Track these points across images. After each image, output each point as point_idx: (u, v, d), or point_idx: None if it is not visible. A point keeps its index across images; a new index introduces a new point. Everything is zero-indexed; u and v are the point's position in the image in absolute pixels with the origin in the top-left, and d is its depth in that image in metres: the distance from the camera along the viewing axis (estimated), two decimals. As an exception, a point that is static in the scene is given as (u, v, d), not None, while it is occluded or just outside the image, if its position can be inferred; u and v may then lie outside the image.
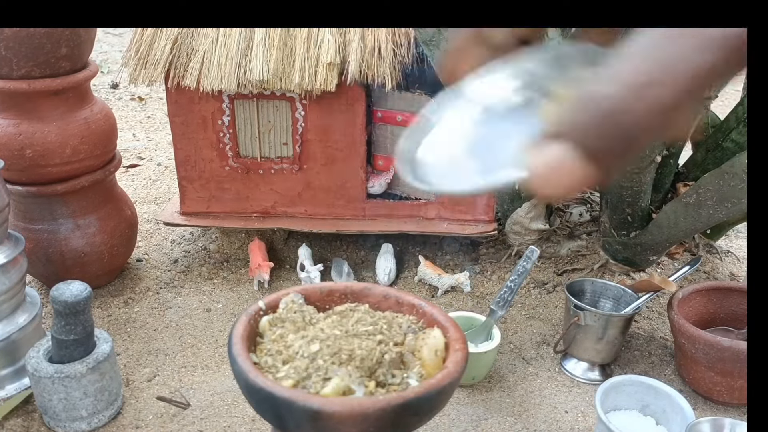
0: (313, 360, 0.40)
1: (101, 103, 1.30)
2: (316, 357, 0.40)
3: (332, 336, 0.41)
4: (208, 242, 1.53)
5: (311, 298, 0.49)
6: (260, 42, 1.25)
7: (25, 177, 1.20)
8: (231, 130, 1.35)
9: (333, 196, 1.40)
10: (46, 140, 1.18)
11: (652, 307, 1.33)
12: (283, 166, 1.38)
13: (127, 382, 1.10)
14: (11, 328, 1.06)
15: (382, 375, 0.41)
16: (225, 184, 1.41)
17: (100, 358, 0.98)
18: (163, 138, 2.25)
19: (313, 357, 0.40)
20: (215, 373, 1.13)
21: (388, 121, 1.38)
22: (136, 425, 1.01)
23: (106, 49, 3.37)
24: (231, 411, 1.04)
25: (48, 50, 1.13)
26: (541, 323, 1.28)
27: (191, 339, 1.23)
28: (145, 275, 1.43)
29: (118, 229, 1.33)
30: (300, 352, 0.40)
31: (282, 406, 0.37)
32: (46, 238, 1.25)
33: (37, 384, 0.97)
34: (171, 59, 1.27)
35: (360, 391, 0.38)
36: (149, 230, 1.61)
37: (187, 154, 1.38)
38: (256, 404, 0.40)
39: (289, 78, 1.25)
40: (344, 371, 0.39)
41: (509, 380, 1.13)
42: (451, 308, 1.30)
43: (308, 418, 0.36)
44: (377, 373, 0.41)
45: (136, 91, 2.73)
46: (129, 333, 1.24)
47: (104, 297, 1.34)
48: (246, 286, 1.40)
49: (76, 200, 1.26)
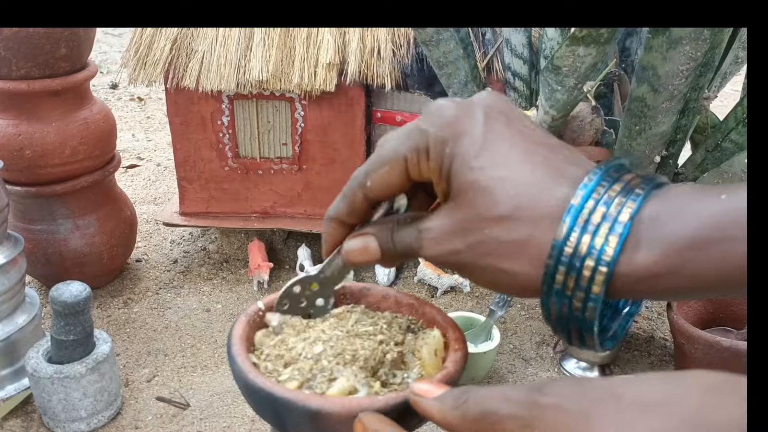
0: (317, 361, 0.39)
1: (100, 104, 1.30)
2: (320, 358, 0.40)
3: (334, 337, 0.41)
4: (208, 242, 1.53)
5: None
6: (259, 42, 1.25)
7: (24, 177, 1.20)
8: (230, 131, 1.35)
9: (332, 197, 1.38)
10: (45, 141, 1.18)
11: (651, 307, 1.33)
12: (283, 166, 1.38)
13: (126, 383, 1.10)
14: (11, 329, 1.06)
15: (384, 375, 0.41)
16: (224, 185, 1.40)
17: (100, 358, 0.97)
18: (163, 138, 2.25)
19: (317, 358, 0.40)
20: (215, 374, 1.13)
21: (388, 121, 1.38)
22: (135, 426, 1.01)
23: (105, 49, 3.37)
24: (230, 411, 1.04)
25: (47, 51, 1.13)
26: (540, 323, 1.28)
27: (191, 339, 1.23)
28: (145, 276, 1.43)
29: (118, 229, 1.33)
30: (303, 353, 0.40)
31: (281, 406, 0.37)
32: (46, 239, 1.25)
33: (36, 384, 0.96)
34: (170, 59, 1.27)
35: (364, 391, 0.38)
36: (148, 231, 1.61)
37: (187, 155, 1.38)
38: (255, 404, 0.40)
39: (289, 78, 1.25)
40: (349, 371, 0.39)
41: (509, 380, 1.13)
42: (450, 308, 1.30)
43: (307, 419, 0.36)
44: (379, 373, 0.41)
45: (135, 92, 2.73)
46: (128, 333, 1.24)
47: (103, 297, 1.34)
48: (245, 287, 1.40)
49: (75, 201, 1.26)
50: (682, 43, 0.85)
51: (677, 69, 0.88)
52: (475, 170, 0.32)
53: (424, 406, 0.33)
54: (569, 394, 0.28)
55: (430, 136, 0.33)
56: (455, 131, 0.33)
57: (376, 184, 0.36)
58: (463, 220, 0.33)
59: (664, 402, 0.26)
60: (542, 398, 0.28)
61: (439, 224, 0.34)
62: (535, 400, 0.28)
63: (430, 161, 0.34)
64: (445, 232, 0.34)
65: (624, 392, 0.27)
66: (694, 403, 0.25)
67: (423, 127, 0.34)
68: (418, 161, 0.34)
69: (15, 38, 1.10)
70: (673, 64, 0.88)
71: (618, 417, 0.26)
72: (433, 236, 0.34)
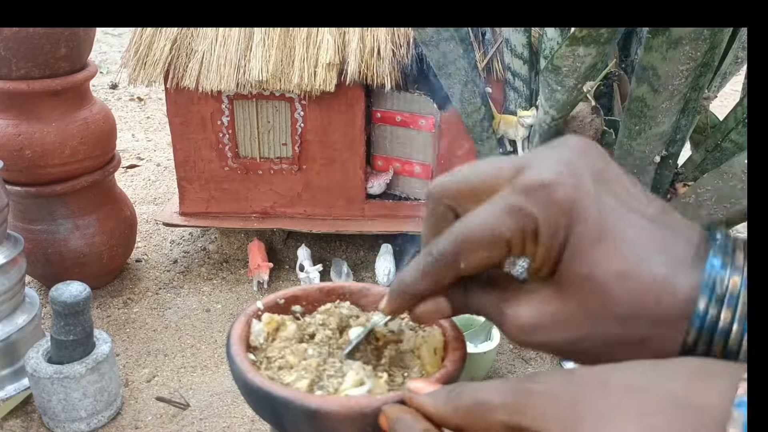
0: (325, 359, 0.40)
1: (100, 104, 1.30)
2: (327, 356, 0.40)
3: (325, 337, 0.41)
4: (208, 243, 1.53)
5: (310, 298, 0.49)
6: (259, 42, 1.25)
7: (24, 177, 1.20)
8: (230, 131, 1.35)
9: (332, 197, 1.40)
10: (45, 141, 1.18)
11: (651, 307, 1.33)
12: (283, 166, 1.38)
13: (126, 383, 1.10)
14: (10, 329, 1.06)
15: (387, 365, 0.41)
16: (224, 185, 1.40)
17: (100, 358, 0.97)
18: (163, 138, 2.25)
19: (325, 356, 0.40)
20: (214, 374, 1.13)
21: (388, 121, 1.38)
22: (135, 426, 1.01)
23: (105, 49, 3.37)
24: (230, 411, 1.04)
25: (47, 51, 1.13)
26: (540, 324, 1.28)
27: (190, 339, 1.23)
28: (145, 276, 1.43)
29: (118, 229, 1.33)
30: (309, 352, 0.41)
31: (280, 405, 0.37)
32: (46, 239, 1.25)
33: (36, 384, 0.96)
34: (170, 60, 1.27)
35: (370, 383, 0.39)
36: (148, 231, 1.61)
37: (187, 155, 1.38)
38: (253, 404, 0.40)
39: (289, 78, 1.25)
40: (358, 364, 0.39)
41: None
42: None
43: (306, 418, 0.36)
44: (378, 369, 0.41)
45: (135, 92, 2.73)
46: (128, 333, 1.24)
47: (103, 297, 1.34)
48: (245, 287, 1.40)
49: (75, 201, 1.26)
50: (682, 43, 0.85)
51: (677, 69, 0.88)
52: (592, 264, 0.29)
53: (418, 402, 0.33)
54: (558, 381, 0.28)
55: (540, 221, 0.30)
56: (569, 217, 0.30)
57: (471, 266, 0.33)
58: (568, 315, 0.31)
59: (651, 385, 0.26)
60: (532, 385, 0.28)
61: (532, 314, 0.32)
62: (525, 387, 0.29)
63: (538, 247, 0.31)
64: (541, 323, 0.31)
65: (611, 377, 0.27)
66: (681, 386, 0.26)
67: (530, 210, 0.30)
68: (523, 245, 0.31)
69: (15, 38, 1.10)
70: (673, 64, 0.88)
71: (605, 401, 0.26)
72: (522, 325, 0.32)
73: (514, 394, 0.29)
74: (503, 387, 0.29)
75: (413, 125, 1.35)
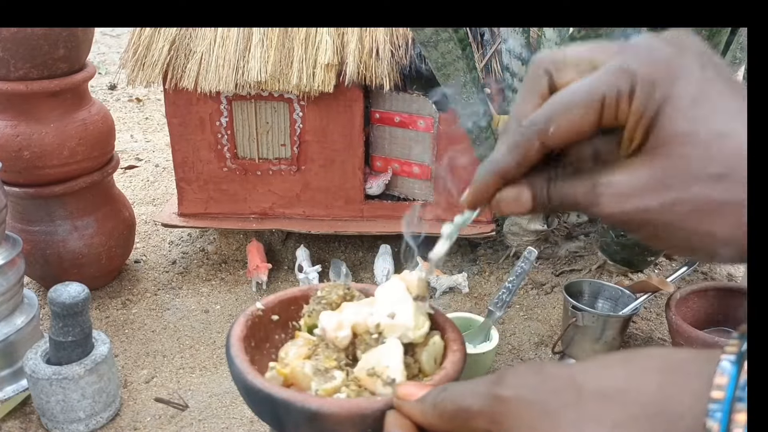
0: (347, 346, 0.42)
1: (99, 105, 1.30)
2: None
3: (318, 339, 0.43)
4: (206, 243, 1.53)
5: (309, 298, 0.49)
6: (258, 43, 1.25)
7: (22, 178, 1.20)
8: (229, 132, 1.35)
9: (331, 197, 1.40)
10: (43, 141, 1.18)
11: (650, 307, 1.33)
12: (281, 167, 1.38)
13: (125, 384, 1.10)
14: (9, 330, 1.05)
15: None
16: (223, 186, 1.40)
17: (98, 359, 0.97)
18: (161, 139, 2.25)
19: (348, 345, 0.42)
20: (213, 375, 1.13)
21: (386, 122, 1.38)
22: (134, 427, 1.01)
23: (103, 50, 3.37)
24: (229, 412, 1.04)
25: (45, 51, 1.13)
26: (539, 324, 1.28)
27: (189, 340, 1.22)
28: (143, 277, 1.43)
29: (116, 230, 1.33)
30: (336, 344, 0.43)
31: (280, 407, 0.37)
32: (44, 240, 1.25)
33: (34, 386, 0.96)
34: (169, 60, 1.27)
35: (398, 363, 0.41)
36: (147, 231, 1.61)
37: (185, 156, 1.38)
38: (253, 405, 0.40)
39: (287, 79, 1.25)
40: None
41: (508, 381, 1.13)
42: (449, 309, 1.30)
43: (306, 419, 0.36)
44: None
45: (133, 93, 2.72)
46: (127, 334, 1.24)
47: (102, 298, 1.34)
48: (244, 288, 1.39)
49: (73, 202, 1.25)
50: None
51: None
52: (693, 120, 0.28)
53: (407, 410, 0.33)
54: (528, 384, 0.28)
55: (638, 75, 0.29)
56: (670, 73, 0.29)
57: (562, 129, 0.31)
58: (665, 176, 0.29)
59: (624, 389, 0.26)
60: (502, 391, 0.28)
61: (626, 179, 0.30)
62: (496, 393, 0.29)
63: (633, 104, 0.29)
64: (635, 187, 0.30)
65: (584, 382, 0.27)
66: (653, 387, 0.26)
67: (628, 65, 0.29)
68: (617, 103, 0.29)
69: (13, 39, 1.10)
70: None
71: (579, 410, 0.26)
72: (618, 191, 0.30)
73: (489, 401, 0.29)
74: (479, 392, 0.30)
75: (412, 126, 1.35)
